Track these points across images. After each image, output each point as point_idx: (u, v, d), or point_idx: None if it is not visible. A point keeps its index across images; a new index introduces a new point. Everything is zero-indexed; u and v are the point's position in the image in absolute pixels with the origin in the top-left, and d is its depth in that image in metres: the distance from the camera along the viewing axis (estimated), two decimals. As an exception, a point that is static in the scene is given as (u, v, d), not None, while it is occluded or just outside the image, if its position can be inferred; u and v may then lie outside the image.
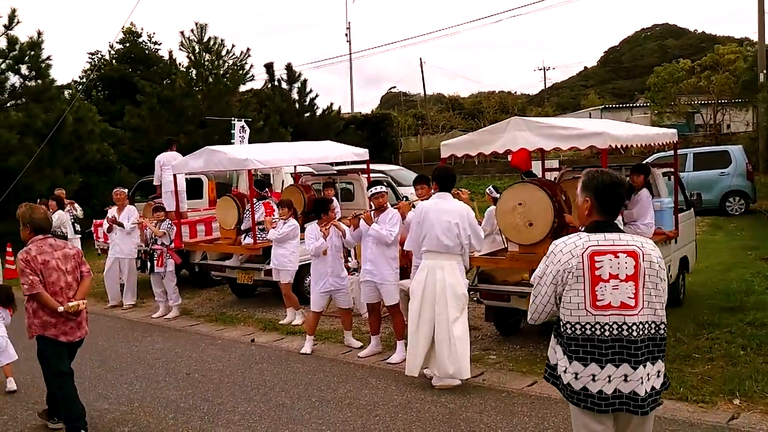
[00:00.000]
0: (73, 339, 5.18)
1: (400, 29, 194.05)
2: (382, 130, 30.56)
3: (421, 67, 47.22)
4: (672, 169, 8.46)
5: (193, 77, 20.14)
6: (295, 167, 11.63)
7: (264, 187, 10.14)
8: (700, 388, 5.57)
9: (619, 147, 6.60)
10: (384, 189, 7.06)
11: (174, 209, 10.75)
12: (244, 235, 9.55)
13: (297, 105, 24.87)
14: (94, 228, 12.33)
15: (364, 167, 11.32)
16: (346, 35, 40.19)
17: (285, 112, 23.51)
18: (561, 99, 63.56)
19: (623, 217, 7.19)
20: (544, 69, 74.58)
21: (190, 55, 20.01)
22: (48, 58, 17.36)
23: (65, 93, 18.42)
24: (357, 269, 7.38)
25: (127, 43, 25.19)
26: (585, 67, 79.39)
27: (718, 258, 11.23)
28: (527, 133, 6.39)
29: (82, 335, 5.25)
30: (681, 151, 14.43)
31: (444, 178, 6.10)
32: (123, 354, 7.73)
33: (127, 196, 10.64)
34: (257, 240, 9.15)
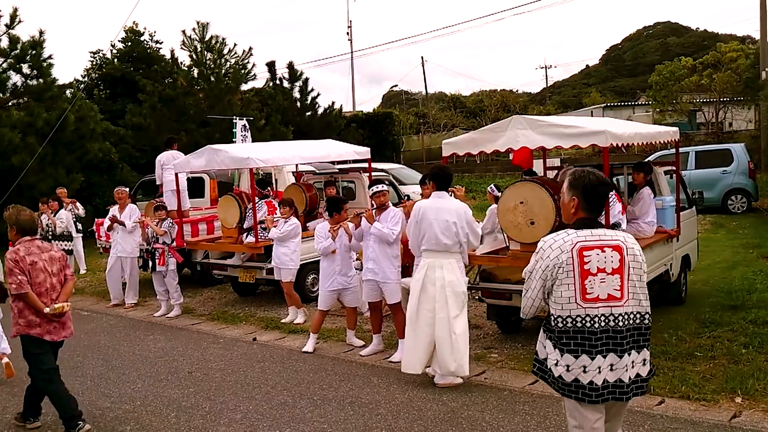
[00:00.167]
0: (57, 339, 5.31)
1: (401, 28, 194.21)
2: (383, 128, 30.58)
3: (423, 66, 47.23)
4: (674, 168, 8.45)
5: (195, 76, 20.14)
6: (297, 166, 11.64)
7: (266, 186, 10.14)
8: (701, 386, 5.57)
9: (621, 145, 6.60)
10: (385, 188, 7.07)
11: (175, 208, 10.76)
12: (245, 234, 9.56)
13: (299, 104, 24.88)
14: (96, 227, 12.34)
15: (365, 166, 11.32)
16: (347, 34, 40.30)
17: (287, 110, 23.52)
18: (563, 97, 63.58)
19: (627, 215, 7.20)
20: (545, 67, 74.90)
21: (191, 54, 20.02)
22: (50, 57, 17.43)
23: (67, 92, 18.42)
24: (359, 268, 7.39)
25: (129, 42, 25.19)
26: (587, 66, 79.52)
27: (720, 256, 11.22)
28: (529, 132, 6.39)
29: (66, 335, 5.37)
30: (683, 150, 14.43)
31: (441, 177, 6.16)
32: (125, 353, 7.74)
33: (129, 195, 10.66)
34: (259, 239, 9.16)
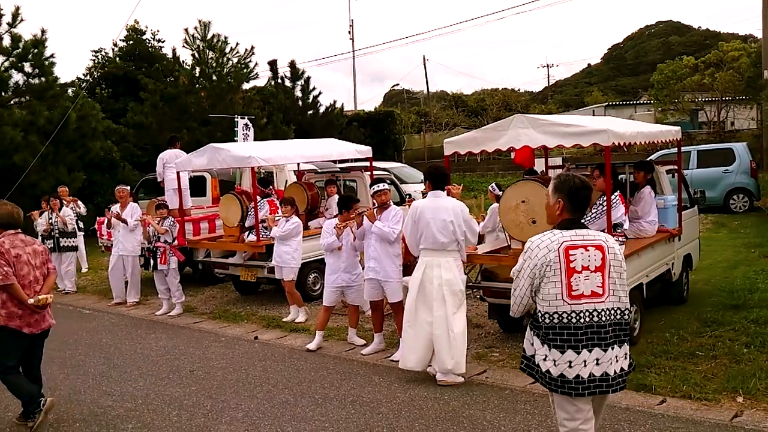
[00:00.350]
0: (37, 331, 5.43)
1: (403, 26, 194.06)
2: (385, 127, 30.55)
3: (425, 65, 47.27)
4: (676, 167, 8.43)
5: (197, 75, 20.14)
6: (298, 165, 11.64)
7: (268, 185, 10.15)
8: (703, 385, 5.57)
9: (623, 144, 6.59)
10: (386, 186, 7.08)
11: (177, 207, 10.77)
12: (247, 233, 9.57)
13: (300, 102, 24.86)
14: (97, 225, 12.36)
15: (367, 165, 11.32)
16: (349, 32, 40.24)
17: (288, 109, 23.52)
18: (564, 96, 63.51)
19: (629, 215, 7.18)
20: (547, 66, 74.58)
21: (193, 53, 20.01)
22: (51, 55, 17.40)
23: (69, 91, 18.43)
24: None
25: (131, 41, 25.20)
26: (589, 65, 79.34)
27: (721, 255, 11.21)
28: (530, 131, 6.39)
29: (46, 326, 5.52)
30: (685, 149, 14.39)
31: (437, 176, 6.24)
32: (127, 351, 7.75)
33: (131, 193, 10.66)
34: (260, 237, 9.16)
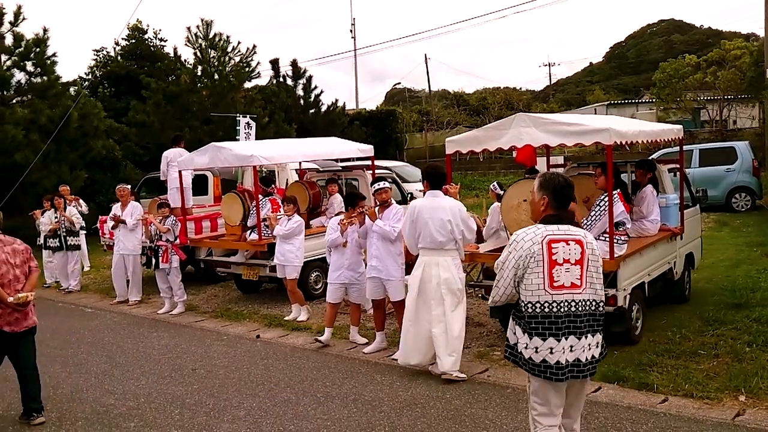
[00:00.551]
0: (18, 329, 5.45)
1: (404, 25, 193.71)
2: (387, 126, 30.52)
3: (426, 63, 47.27)
4: (678, 166, 8.43)
5: (199, 73, 20.14)
6: (300, 164, 11.64)
7: (270, 184, 10.16)
8: (705, 384, 5.57)
9: (624, 143, 6.59)
10: (387, 185, 7.10)
11: (179, 205, 10.77)
12: (249, 231, 9.57)
13: (302, 101, 24.83)
14: (99, 224, 12.38)
15: (368, 163, 11.32)
16: (350, 31, 40.18)
17: (290, 108, 23.48)
18: (566, 95, 63.39)
19: (632, 215, 7.18)
20: (549, 65, 74.75)
21: (195, 52, 20.00)
22: (53, 54, 17.45)
23: (71, 89, 18.46)
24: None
25: (133, 40, 25.22)
26: (590, 63, 79.07)
27: (723, 254, 11.19)
28: (532, 130, 6.39)
29: (28, 325, 5.53)
30: (687, 148, 14.42)
31: (434, 176, 6.32)
32: (129, 350, 7.76)
33: (131, 192, 10.67)
34: (262, 236, 9.17)
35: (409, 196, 12.55)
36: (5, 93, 17.32)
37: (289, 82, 24.98)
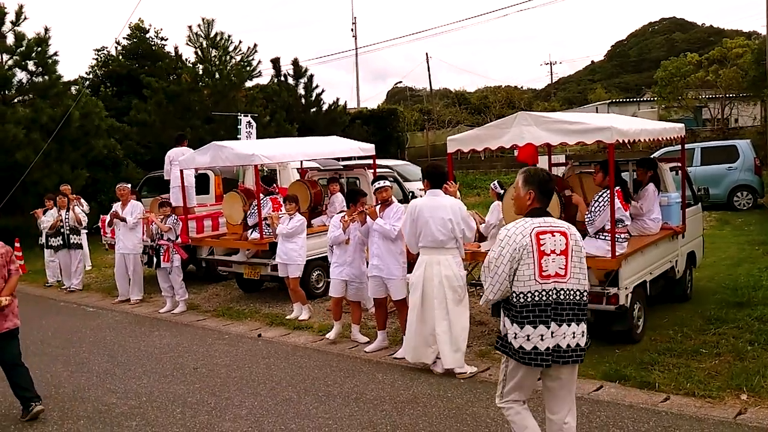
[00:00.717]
0: None
1: (406, 24, 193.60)
2: (388, 125, 30.51)
3: (428, 62, 47.40)
4: (679, 164, 8.42)
5: (200, 72, 20.15)
6: (302, 163, 11.64)
7: (271, 183, 10.16)
8: (707, 383, 5.56)
9: (626, 142, 6.58)
10: (388, 183, 7.11)
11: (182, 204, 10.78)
12: (250, 231, 9.58)
13: (303, 100, 24.82)
14: (101, 223, 12.39)
15: (370, 162, 11.31)
16: (352, 30, 40.20)
17: (291, 107, 23.48)
18: (568, 93, 63.35)
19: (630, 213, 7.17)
20: (550, 63, 74.69)
21: (197, 51, 20.01)
22: (55, 54, 17.49)
23: (72, 89, 18.48)
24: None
25: (135, 39, 25.23)
26: (592, 62, 79.00)
27: (725, 253, 11.18)
28: (534, 128, 6.38)
29: (8, 327, 5.51)
30: (688, 146, 14.39)
31: (435, 175, 6.34)
32: (130, 349, 7.76)
33: (132, 191, 10.68)
34: (264, 235, 9.17)
35: (411, 194, 12.52)
36: (7, 92, 17.34)
37: (291, 81, 24.98)
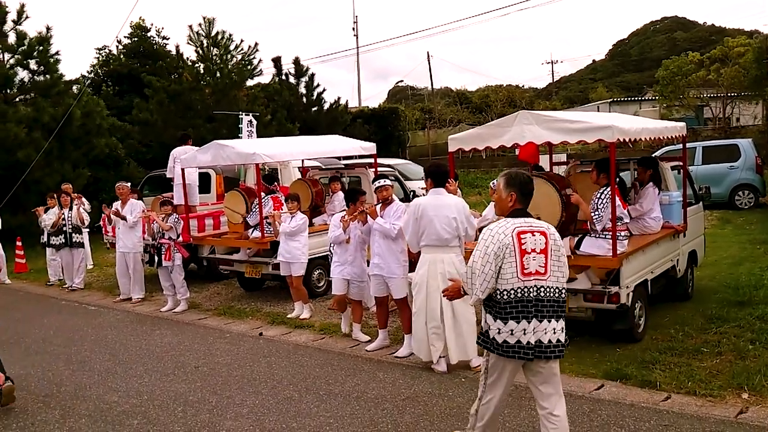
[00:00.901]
0: None
1: (407, 23, 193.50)
2: (389, 124, 30.51)
3: (429, 61, 47.20)
4: (681, 163, 8.41)
5: (201, 71, 20.15)
6: (303, 161, 11.64)
7: (273, 182, 10.16)
8: (708, 382, 5.56)
9: (628, 140, 6.58)
10: (388, 182, 7.10)
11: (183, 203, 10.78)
12: (252, 229, 9.58)
13: (305, 99, 24.83)
14: (102, 222, 12.40)
15: (371, 161, 11.31)
16: (353, 29, 40.13)
17: (293, 106, 23.50)
18: (569, 92, 63.32)
19: (630, 212, 7.17)
20: (552, 62, 74.40)
21: (198, 50, 20.01)
22: (56, 53, 17.49)
23: (74, 88, 18.49)
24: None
25: (136, 38, 25.24)
26: (593, 60, 78.97)
27: (727, 252, 11.18)
28: (535, 127, 6.38)
29: None
30: (690, 145, 14.33)
31: (438, 174, 6.34)
32: (132, 347, 7.77)
33: (131, 190, 10.68)
34: (265, 234, 9.17)
35: (412, 193, 12.52)
36: (8, 91, 17.35)
37: (292, 80, 25.00)
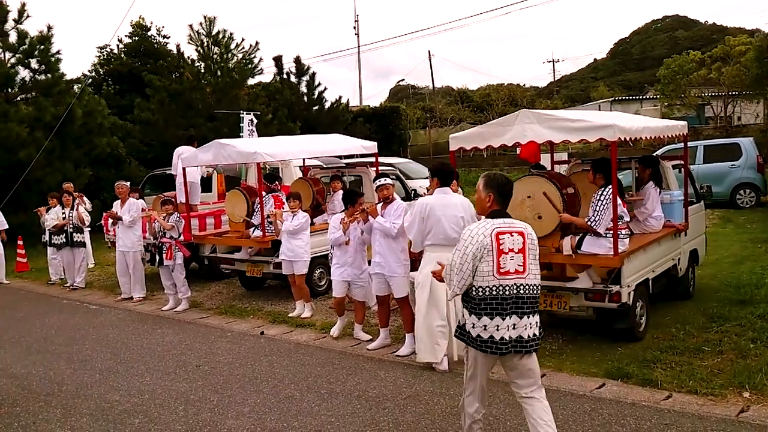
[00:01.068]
0: None
1: (408, 22, 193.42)
2: (390, 123, 30.52)
3: (430, 60, 47.10)
4: (682, 162, 8.41)
5: (202, 70, 20.15)
6: (304, 160, 11.64)
7: (274, 180, 10.16)
8: (709, 380, 5.56)
9: (629, 139, 6.57)
10: (389, 181, 7.09)
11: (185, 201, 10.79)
12: (253, 228, 9.58)
13: (306, 98, 24.83)
14: (104, 221, 12.41)
15: (372, 160, 11.31)
16: (354, 28, 40.17)
17: (294, 105, 23.50)
18: (570, 91, 63.28)
19: (637, 215, 7.17)
20: (553, 61, 74.47)
21: (198, 49, 20.01)
22: (58, 52, 17.50)
23: (75, 87, 18.50)
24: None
25: (137, 37, 25.24)
26: (595, 59, 78.94)
27: (728, 251, 11.17)
28: (536, 126, 6.37)
29: None
30: (691, 144, 14.34)
31: (444, 173, 6.31)
32: (133, 346, 7.78)
33: (132, 189, 10.69)
34: (266, 233, 9.17)
35: (413, 192, 12.52)
36: (9, 90, 17.37)
37: (293, 78, 25.00)
